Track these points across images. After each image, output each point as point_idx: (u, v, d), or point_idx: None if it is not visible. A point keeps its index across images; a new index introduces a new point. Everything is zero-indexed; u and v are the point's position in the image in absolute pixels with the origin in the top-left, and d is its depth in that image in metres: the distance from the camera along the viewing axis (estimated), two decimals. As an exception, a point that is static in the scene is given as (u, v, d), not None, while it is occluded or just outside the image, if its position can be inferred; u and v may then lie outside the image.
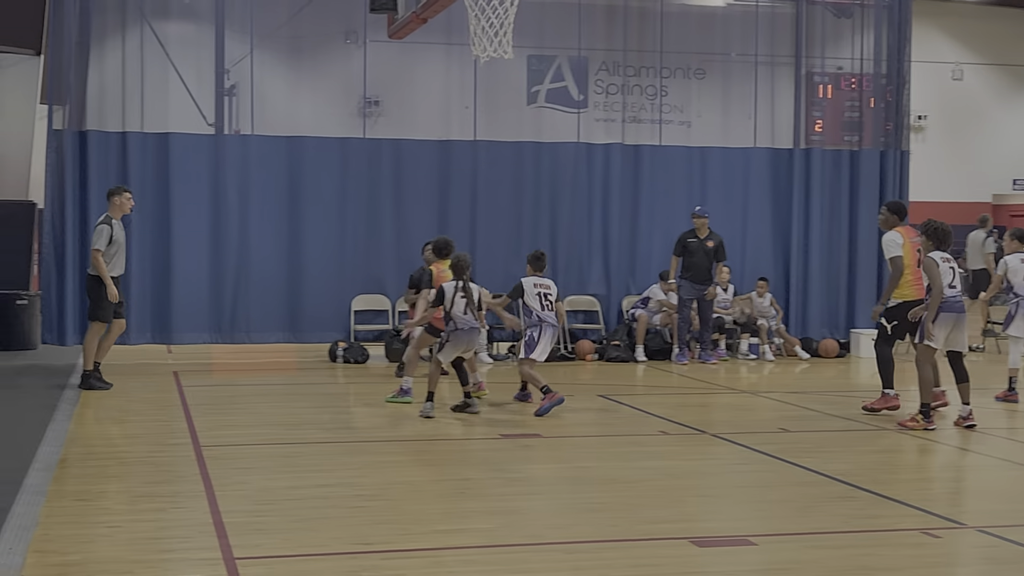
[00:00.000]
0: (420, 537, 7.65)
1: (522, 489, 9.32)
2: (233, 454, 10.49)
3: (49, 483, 8.93)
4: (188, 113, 17.80)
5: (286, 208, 17.66)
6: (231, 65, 18.20)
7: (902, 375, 13.15)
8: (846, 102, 20.26)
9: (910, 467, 11.15)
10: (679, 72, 20.17)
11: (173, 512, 8.25)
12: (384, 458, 10.45)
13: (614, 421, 13.16)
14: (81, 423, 11.89)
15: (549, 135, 19.13)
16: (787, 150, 19.65)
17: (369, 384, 15.75)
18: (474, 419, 12.19)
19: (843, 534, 7.86)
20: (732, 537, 7.65)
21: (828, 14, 20.12)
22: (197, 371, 16.29)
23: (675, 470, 10.10)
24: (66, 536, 7.49)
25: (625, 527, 8.00)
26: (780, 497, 9.13)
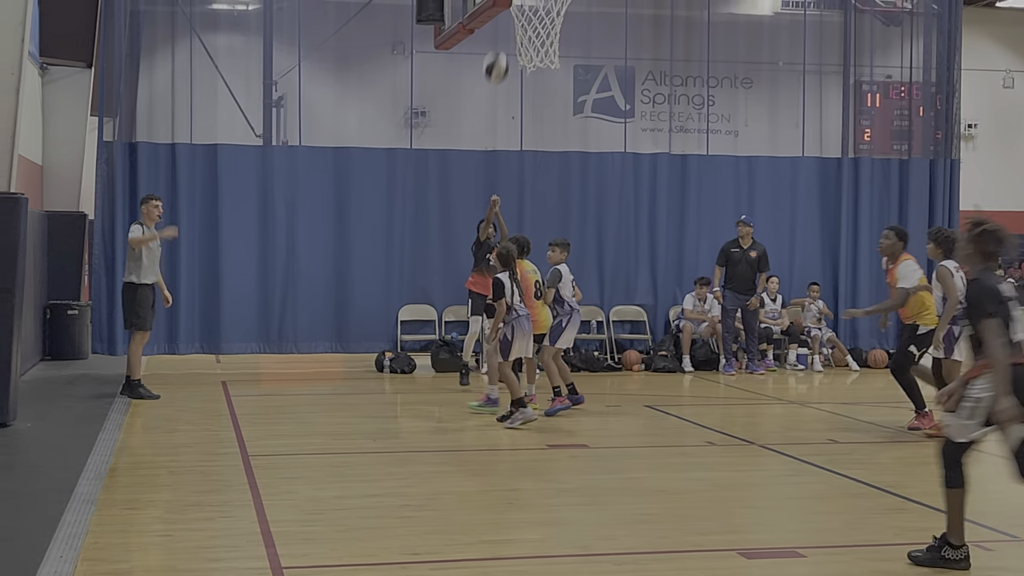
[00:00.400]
0: (468, 548, 7.65)
1: (570, 500, 9.27)
2: (281, 463, 10.51)
3: (99, 492, 8.97)
4: (236, 124, 17.90)
5: (333, 219, 17.74)
6: (279, 76, 18.31)
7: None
8: (895, 111, 20.16)
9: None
10: (726, 81, 20.11)
11: (221, 521, 8.27)
12: (432, 468, 10.43)
13: (661, 431, 13.09)
14: (130, 432, 11.96)
15: (595, 145, 19.13)
16: (835, 159, 19.56)
17: (416, 394, 15.78)
18: (521, 428, 12.14)
19: (894, 546, 7.79)
20: (781, 549, 7.61)
21: (877, 22, 20.03)
22: (245, 381, 16.37)
23: (723, 481, 10.03)
24: (116, 544, 7.54)
25: (674, 538, 7.96)
26: (829, 509, 9.07)
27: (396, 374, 17.40)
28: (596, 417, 13.65)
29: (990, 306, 6.89)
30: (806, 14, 20.01)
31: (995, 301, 6.91)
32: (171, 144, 17.27)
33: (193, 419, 12.93)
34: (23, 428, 11.77)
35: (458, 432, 12.67)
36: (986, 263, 7.31)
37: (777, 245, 18.41)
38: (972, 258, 7.37)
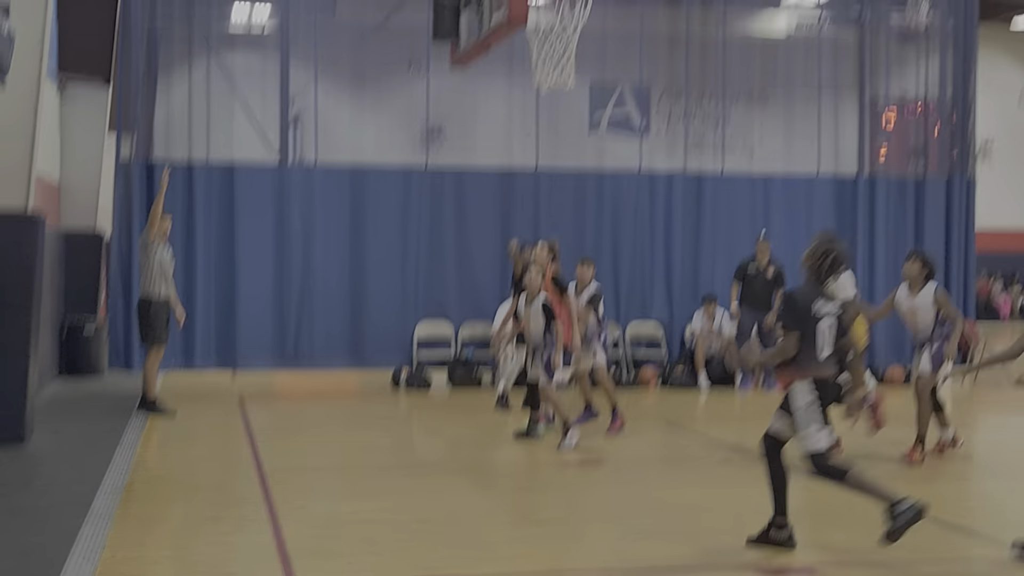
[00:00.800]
0: (485, 562, 7.67)
1: (586, 514, 9.31)
2: (297, 479, 10.53)
3: (116, 507, 9.01)
4: (253, 142, 17.98)
5: (349, 235, 17.76)
6: (295, 94, 18.36)
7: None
8: (911, 129, 20.15)
9: (977, 494, 11.01)
10: (741, 98, 20.11)
11: (237, 536, 8.28)
12: (448, 483, 10.43)
13: (678, 447, 13.06)
14: (147, 448, 11.99)
15: (611, 162, 19.15)
16: (851, 178, 19.55)
17: (432, 410, 15.78)
18: (538, 444, 12.13)
19: (910, 563, 7.77)
20: (798, 568, 7.58)
21: (892, 40, 20.02)
22: (261, 396, 16.37)
23: (742, 497, 9.98)
24: (132, 559, 7.56)
25: (692, 554, 7.95)
26: (845, 523, 9.03)
27: (412, 389, 17.39)
28: (611, 435, 13.65)
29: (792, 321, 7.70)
30: (820, 32, 20.03)
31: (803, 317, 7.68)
32: (188, 162, 17.32)
33: (209, 434, 12.96)
34: (39, 445, 11.80)
35: (474, 448, 12.66)
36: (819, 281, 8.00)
37: (792, 263, 18.27)
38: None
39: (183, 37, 17.77)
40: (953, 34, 19.73)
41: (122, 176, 17.09)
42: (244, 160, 17.70)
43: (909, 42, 20.13)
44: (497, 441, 12.76)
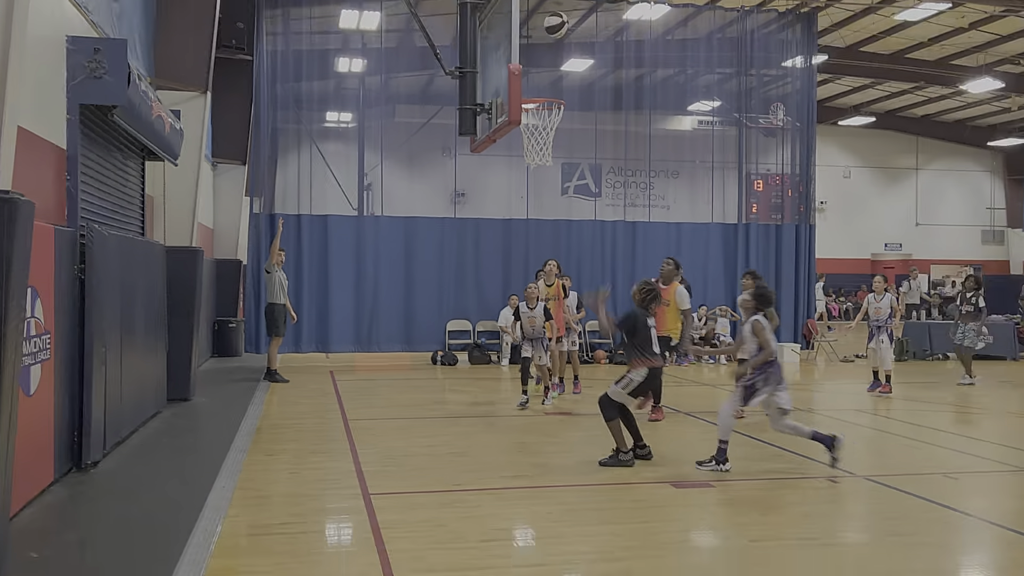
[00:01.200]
0: (491, 480, 7.68)
1: (560, 448, 9.31)
2: (368, 425, 10.53)
3: (249, 444, 9.03)
4: (340, 201, 18.02)
5: (403, 262, 17.79)
6: (368, 170, 18.42)
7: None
8: (773, 192, 20.15)
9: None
10: (662, 173, 20.14)
11: (330, 463, 8.29)
12: (468, 428, 10.44)
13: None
14: (270, 404, 12.00)
15: (576, 215, 19.22)
16: (734, 225, 19.56)
17: (457, 379, 15.73)
18: (530, 404, 12.07)
19: (773, 480, 7.75)
20: (699, 481, 7.57)
21: (760, 134, 20.07)
22: (345, 370, 16.35)
23: (660, 436, 9.90)
24: (260, 478, 7.58)
25: (629, 474, 7.91)
26: (732, 454, 8.98)
27: (444, 366, 17.41)
28: (576, 395, 13.62)
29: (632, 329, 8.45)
30: (713, 129, 20.08)
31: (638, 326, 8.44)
32: (297, 214, 17.35)
33: (311, 395, 12.96)
34: (199, 402, 11.82)
35: (485, 403, 12.65)
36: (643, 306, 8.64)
37: (695, 281, 18.35)
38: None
39: (294, 131, 17.87)
40: (799, 131, 19.79)
41: (253, 224, 17.12)
42: (334, 212, 17.71)
43: (771, 136, 20.15)
44: (500, 400, 12.74)
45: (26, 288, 4.93)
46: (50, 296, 6.81)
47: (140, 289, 9.56)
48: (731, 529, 6.29)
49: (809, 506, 6.93)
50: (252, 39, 17.04)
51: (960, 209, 38.92)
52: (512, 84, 8.97)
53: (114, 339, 8.29)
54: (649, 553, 5.63)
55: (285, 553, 5.50)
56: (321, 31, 18.33)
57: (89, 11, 9.07)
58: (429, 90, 19.87)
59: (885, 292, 13.69)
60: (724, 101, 20.19)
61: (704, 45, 19.73)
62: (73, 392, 7.45)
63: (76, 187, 8.34)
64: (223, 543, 5.67)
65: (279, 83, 17.34)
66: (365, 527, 6.09)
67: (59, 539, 5.80)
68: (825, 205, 34.21)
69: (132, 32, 11.02)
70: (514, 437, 9.92)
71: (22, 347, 5.09)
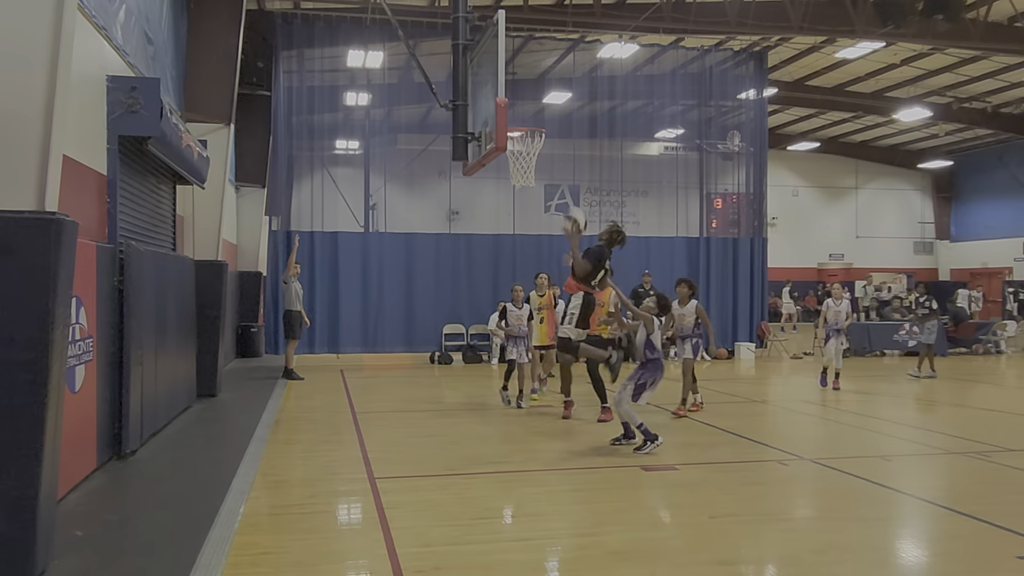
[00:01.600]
0: (485, 466, 7.69)
1: (543, 436, 9.28)
2: (374, 417, 10.53)
3: (269, 434, 9.03)
4: (348, 219, 18.03)
5: (404, 273, 17.76)
6: (373, 191, 18.44)
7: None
8: (730, 209, 20.25)
9: (767, 419, 11.06)
10: (633, 192, 20.26)
11: (339, 451, 8.30)
12: (463, 418, 10.46)
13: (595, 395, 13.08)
14: (287, 399, 12.00)
15: (558, 231, 19.10)
16: (696, 238, 19.63)
17: (452, 376, 15.74)
18: (511, 395, 12.04)
19: (730, 463, 7.80)
20: (665, 465, 7.62)
21: (718, 158, 20.16)
22: (354, 369, 16.34)
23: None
24: (278, 464, 7.59)
25: (604, 459, 7.95)
26: (694, 441, 9.05)
27: (441, 365, 17.40)
28: (558, 388, 13.61)
29: None
30: (677, 154, 20.18)
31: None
32: (311, 231, 17.33)
33: (323, 391, 12.96)
34: (224, 397, 11.81)
35: (477, 398, 12.66)
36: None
37: (662, 289, 18.30)
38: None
39: (308, 158, 17.86)
40: (753, 155, 19.90)
41: (272, 240, 17.12)
42: (343, 229, 17.69)
43: (728, 160, 20.25)
44: (489, 394, 12.73)
45: (71, 298, 4.95)
46: (92, 304, 6.82)
47: (172, 298, 9.55)
48: (693, 507, 6.33)
49: (762, 486, 6.98)
50: (270, 77, 17.07)
51: (895, 223, 39.15)
52: (499, 115, 9.03)
53: (149, 342, 8.29)
54: (620, 528, 5.67)
55: (301, 530, 5.52)
56: (331, 69, 18.36)
57: (127, 53, 9.09)
58: (427, 121, 19.95)
59: (843, 298, 13.76)
60: (687, 129, 20.30)
61: (669, 80, 19.82)
62: (113, 389, 7.45)
63: (115, 208, 8.35)
64: (246, 521, 5.69)
65: (294, 115, 17.34)
66: (371, 507, 6.11)
67: (101, 519, 5.81)
68: (776, 220, 34.36)
69: (164, 71, 11.04)
70: (502, 428, 9.94)
71: (67, 350, 5.10)
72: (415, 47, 13.17)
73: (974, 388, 14.18)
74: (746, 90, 19.99)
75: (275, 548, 5.16)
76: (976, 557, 5.12)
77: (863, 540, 5.48)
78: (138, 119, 8.44)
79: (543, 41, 18.94)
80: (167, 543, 5.28)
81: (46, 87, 4.80)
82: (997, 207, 36.30)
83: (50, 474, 4.64)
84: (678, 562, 4.98)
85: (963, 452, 8.31)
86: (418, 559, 4.94)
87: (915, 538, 5.76)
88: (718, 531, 5.62)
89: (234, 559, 4.92)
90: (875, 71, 25.54)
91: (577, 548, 5.26)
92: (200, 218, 12.85)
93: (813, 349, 20.32)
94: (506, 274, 18.26)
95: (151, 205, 10.45)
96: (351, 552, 5.20)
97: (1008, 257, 35.43)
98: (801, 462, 7.84)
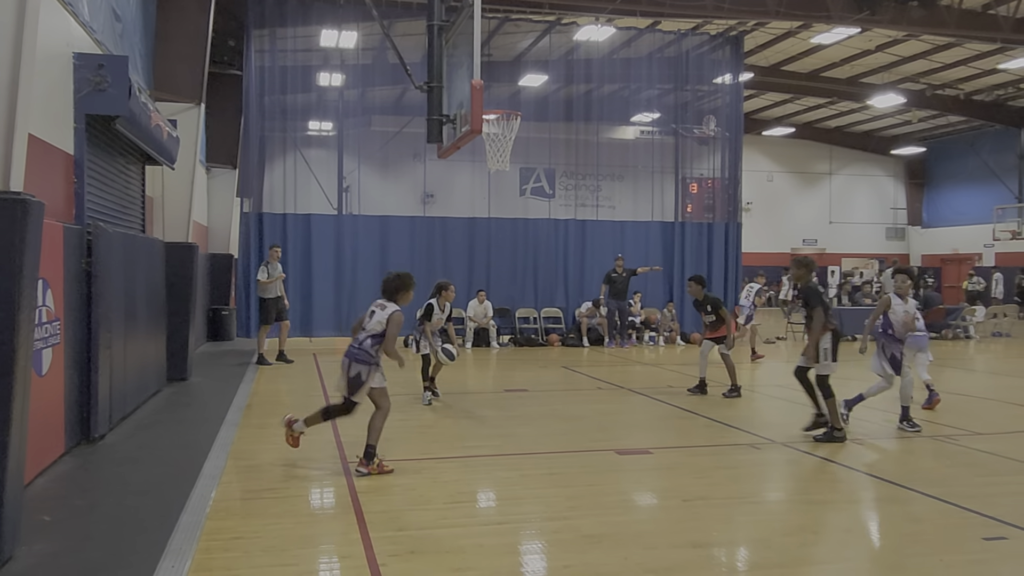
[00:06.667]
0: (457, 449, 7.73)
1: (517, 422, 9.33)
2: (348, 401, 10.48)
3: (240, 418, 8.99)
4: (321, 201, 17.88)
5: (378, 256, 17.65)
6: (347, 173, 18.29)
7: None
8: (705, 194, 20.35)
9: (740, 403, 11.14)
10: (608, 176, 20.26)
11: (312, 435, 8.21)
12: (436, 403, 10.45)
13: (571, 381, 13.14)
14: (259, 383, 11.93)
15: (532, 214, 19.24)
16: (671, 222, 19.71)
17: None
18: (487, 380, 12.10)
19: (703, 447, 7.88)
20: (639, 449, 7.68)
21: (694, 143, 20.23)
22: (327, 352, 16.27)
23: (606, 410, 10.11)
24: (250, 449, 7.55)
25: (578, 443, 8.03)
26: (669, 425, 9.14)
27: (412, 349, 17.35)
28: (533, 372, 13.70)
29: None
30: (653, 138, 20.21)
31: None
32: (283, 213, 17.19)
33: (295, 376, 12.91)
34: (195, 381, 11.72)
35: (452, 382, 12.66)
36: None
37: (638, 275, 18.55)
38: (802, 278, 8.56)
39: (280, 139, 17.67)
40: (729, 140, 19.97)
41: (244, 222, 16.94)
42: (316, 212, 17.55)
43: (704, 144, 20.32)
44: (461, 380, 12.72)
45: (37, 280, 4.87)
46: (60, 287, 6.73)
47: (141, 280, 9.45)
48: (666, 490, 6.39)
49: (735, 470, 7.05)
50: (242, 56, 16.86)
51: (867, 209, 39.57)
52: (474, 97, 8.98)
53: (118, 325, 8.20)
54: (594, 512, 5.71)
55: (273, 515, 5.51)
56: (304, 49, 18.16)
57: (94, 30, 8.93)
58: (401, 102, 19.82)
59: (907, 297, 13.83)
60: (663, 113, 20.34)
61: (645, 64, 19.83)
62: (81, 373, 7.37)
63: (83, 189, 8.23)
64: (217, 506, 5.66)
65: (266, 95, 17.13)
66: (344, 492, 6.10)
67: (69, 504, 5.76)
68: (751, 205, 34.62)
69: (133, 49, 10.87)
70: (477, 412, 9.95)
71: (33, 332, 5.03)
72: (390, 27, 13.05)
73: (943, 372, 14.39)
74: (722, 75, 20.04)
75: (247, 533, 5.15)
76: (943, 538, 5.22)
77: (833, 522, 5.57)
78: (106, 98, 8.31)
79: (519, 23, 18.86)
80: (137, 528, 5.24)
81: (10, 65, 4.71)
82: (968, 194, 36.80)
83: (17, 459, 4.59)
84: (651, 545, 5.03)
85: (931, 435, 8.45)
86: (392, 543, 4.95)
87: (884, 520, 5.85)
88: (691, 514, 5.68)
89: (205, 544, 4.90)
90: (850, 57, 25.73)
91: (551, 532, 5.29)
92: (170, 199, 12.71)
93: (785, 334, 20.54)
94: (481, 257, 18.28)
95: (119, 186, 10.31)
96: (324, 537, 5.20)
97: (978, 243, 35.96)
98: (773, 446, 7.93)
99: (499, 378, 12.69)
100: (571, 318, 18.86)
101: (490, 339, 17.61)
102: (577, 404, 10.51)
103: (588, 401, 10.78)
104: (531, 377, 13.05)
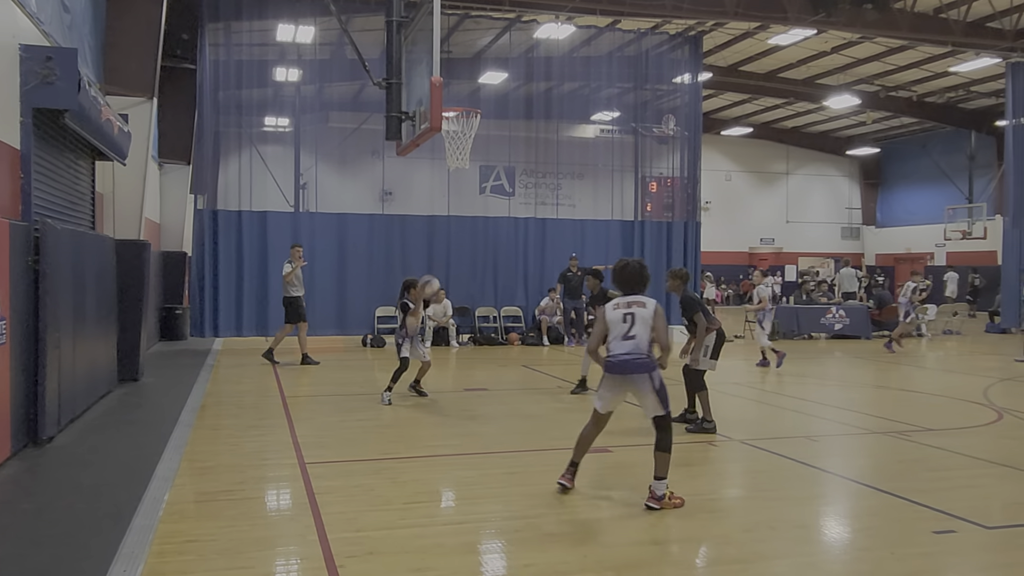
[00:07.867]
0: (417, 449, 7.69)
1: (479, 421, 9.32)
2: (305, 402, 10.44)
3: (194, 419, 8.86)
4: (278, 198, 17.73)
5: (336, 254, 17.58)
6: (304, 171, 18.16)
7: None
8: (664, 193, 20.53)
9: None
10: (568, 175, 20.40)
11: (268, 436, 8.19)
12: (396, 403, 10.39)
13: (530, 379, 13.16)
14: (215, 383, 11.78)
15: (492, 212, 19.25)
16: (631, 221, 19.85)
17: (385, 360, 15.65)
18: (446, 379, 12.08)
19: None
20: (599, 447, 7.71)
21: (653, 142, 20.41)
22: (284, 352, 16.08)
23: (566, 408, 10.13)
24: (205, 451, 7.45)
25: (538, 442, 8.05)
26: (628, 423, 9.18)
27: (373, 348, 17.27)
28: (493, 371, 13.71)
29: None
30: (613, 137, 20.34)
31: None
32: (238, 210, 16.99)
33: (251, 376, 12.76)
34: (147, 381, 11.53)
35: (411, 381, 12.63)
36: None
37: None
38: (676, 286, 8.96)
39: (235, 135, 17.46)
40: (688, 139, 20.18)
41: (197, 219, 16.74)
42: (272, 209, 17.40)
43: (663, 143, 20.51)
44: (429, 378, 12.66)
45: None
46: (5, 285, 6.58)
47: (91, 279, 9.27)
48: (627, 489, 6.43)
49: (694, 467, 7.13)
50: (196, 49, 16.63)
51: (823, 209, 40.26)
52: (434, 94, 8.97)
53: (67, 324, 8.04)
54: (553, 511, 5.74)
55: (229, 517, 5.44)
56: (260, 43, 17.98)
57: (42, 21, 8.74)
58: (359, 99, 19.72)
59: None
60: (622, 112, 20.48)
61: (605, 62, 19.96)
62: (28, 373, 7.21)
63: (30, 184, 8.06)
64: (171, 509, 5.58)
65: (221, 90, 16.93)
66: (302, 493, 6.05)
67: (15, 507, 5.63)
68: (710, 204, 35.02)
69: (82, 41, 10.65)
70: (437, 411, 9.93)
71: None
72: (348, 23, 12.98)
73: (896, 370, 14.69)
74: (681, 74, 20.25)
75: (202, 536, 5.08)
76: (895, 532, 5.33)
77: (789, 518, 5.66)
78: (54, 91, 8.15)
79: (479, 20, 18.86)
80: (88, 532, 5.14)
81: (-46, 55, 4.59)
82: (920, 194, 37.62)
83: (-39, 462, 4.48)
84: (611, 542, 5.06)
85: (884, 432, 8.62)
86: (350, 544, 4.92)
87: (838, 515, 5.96)
88: (651, 511, 5.73)
89: (158, 547, 4.82)
90: (806, 58, 26.14)
91: (511, 530, 5.30)
92: (121, 195, 12.50)
93: (744, 332, 20.81)
94: (440, 255, 18.24)
95: (68, 181, 10.11)
96: (281, 538, 5.15)
97: (930, 243, 36.78)
98: (731, 443, 8.03)
99: (459, 377, 12.67)
100: (531, 317, 18.90)
101: (449, 338, 17.59)
102: (537, 403, 10.51)
103: (548, 400, 10.80)
104: (491, 376, 13.04)
